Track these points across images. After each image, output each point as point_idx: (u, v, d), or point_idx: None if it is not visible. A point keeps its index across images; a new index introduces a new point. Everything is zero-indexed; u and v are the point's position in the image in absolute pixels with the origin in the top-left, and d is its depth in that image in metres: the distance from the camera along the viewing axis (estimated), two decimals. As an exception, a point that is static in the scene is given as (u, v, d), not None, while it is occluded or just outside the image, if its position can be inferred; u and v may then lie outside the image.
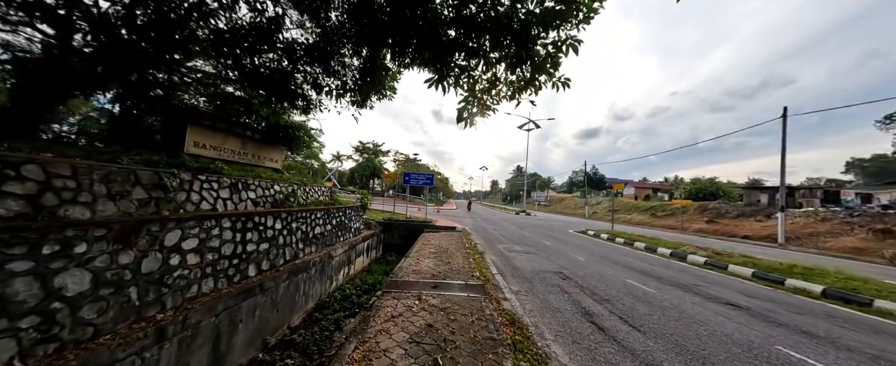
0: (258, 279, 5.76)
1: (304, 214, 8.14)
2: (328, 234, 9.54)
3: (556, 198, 63.18)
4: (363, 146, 64.28)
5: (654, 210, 34.45)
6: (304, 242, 8.00)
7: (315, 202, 10.80)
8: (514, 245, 11.81)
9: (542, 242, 13.18)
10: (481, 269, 7.17)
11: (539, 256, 9.60)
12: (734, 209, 26.96)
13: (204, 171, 6.47)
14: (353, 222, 12.15)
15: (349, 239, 11.11)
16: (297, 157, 45.42)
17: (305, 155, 44.97)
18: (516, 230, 17.53)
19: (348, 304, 8.07)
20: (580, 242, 13.84)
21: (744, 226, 23.15)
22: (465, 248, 10.01)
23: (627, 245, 13.14)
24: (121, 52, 6.90)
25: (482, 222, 21.67)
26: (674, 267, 9.01)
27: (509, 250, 10.58)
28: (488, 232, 16.12)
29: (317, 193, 11.50)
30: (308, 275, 7.66)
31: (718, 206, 28.64)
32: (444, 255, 8.59)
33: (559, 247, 11.85)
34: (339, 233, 10.42)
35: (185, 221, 4.44)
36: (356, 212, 12.59)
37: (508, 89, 6.06)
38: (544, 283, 6.54)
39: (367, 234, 13.16)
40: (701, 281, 7.39)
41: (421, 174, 18.09)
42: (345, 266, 10.24)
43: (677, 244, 11.73)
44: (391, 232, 15.87)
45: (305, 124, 14.75)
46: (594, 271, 7.82)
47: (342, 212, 10.88)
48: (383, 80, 9.78)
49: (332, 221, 9.92)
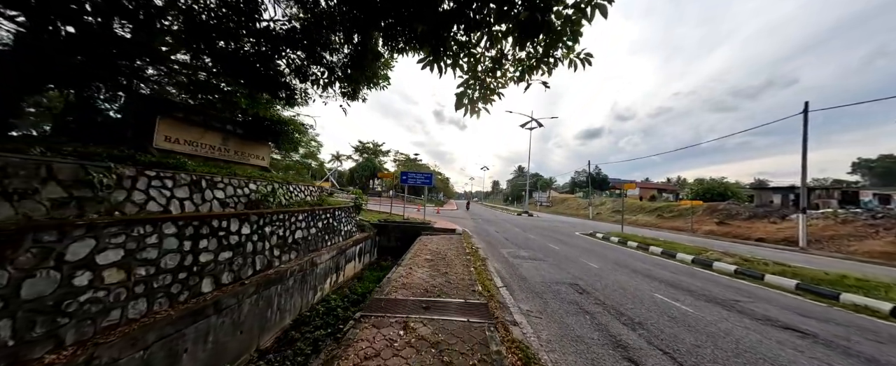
0: (214, 296, 4.73)
1: (282, 216, 7.12)
2: (312, 238, 8.51)
3: (558, 198, 62.04)
4: (363, 146, 63.33)
5: (660, 211, 33.34)
6: (282, 248, 6.97)
7: (299, 203, 9.77)
8: (519, 250, 10.75)
9: (549, 246, 12.11)
10: (484, 281, 6.13)
11: (548, 264, 8.54)
12: (745, 210, 25.82)
13: (157, 166, 5.45)
14: (344, 225, 11.12)
15: (338, 243, 10.07)
16: (295, 156, 44.51)
17: (303, 154, 44.04)
18: (520, 233, 16.47)
19: (332, 319, 7.03)
20: (589, 245, 12.76)
21: (757, 228, 22.03)
22: (466, 253, 8.97)
23: (641, 249, 12.06)
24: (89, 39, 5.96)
25: (483, 224, 20.62)
26: (700, 276, 7.95)
27: (514, 256, 9.53)
28: (490, 235, 15.07)
29: (302, 193, 10.48)
30: (284, 287, 6.63)
31: (729, 207, 27.51)
32: (441, 262, 7.56)
33: (568, 252, 10.78)
34: (326, 237, 9.38)
35: (101, 227, 3.41)
36: (347, 213, 11.57)
37: (516, 69, 5.02)
38: (559, 299, 5.49)
39: (360, 237, 12.13)
40: (740, 295, 6.32)
41: (419, 173, 17.08)
42: (332, 274, 9.21)
43: (699, 249, 10.65)
44: (387, 235, 14.85)
45: (294, 119, 13.76)
46: (613, 282, 6.76)
47: (330, 214, 9.86)
48: (374, 68, 8.75)
49: (317, 223, 8.89)
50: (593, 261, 9.29)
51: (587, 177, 48.07)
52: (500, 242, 12.71)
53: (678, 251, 10.71)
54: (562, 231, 18.70)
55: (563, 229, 20.07)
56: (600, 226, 26.55)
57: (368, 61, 8.48)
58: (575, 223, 27.59)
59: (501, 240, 13.22)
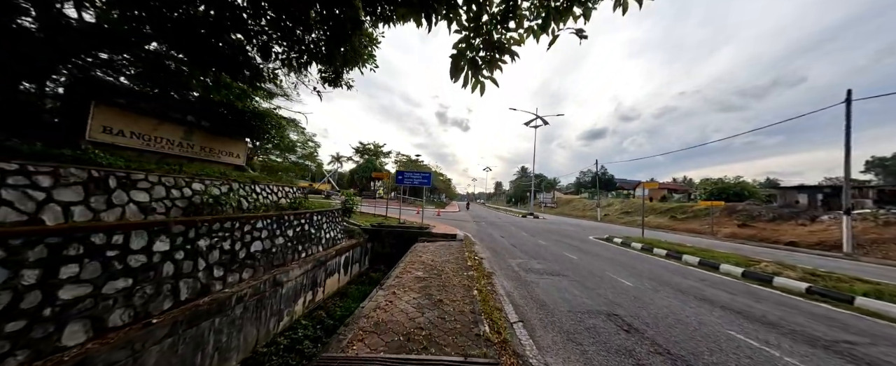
0: (83, 352, 3.09)
1: (232, 225, 5.47)
2: (279, 250, 6.86)
3: (563, 199, 60.12)
4: (363, 147, 61.90)
5: (672, 212, 31.42)
6: (229, 266, 5.32)
7: (268, 207, 8.15)
8: (530, 260, 9.04)
9: (564, 254, 10.39)
10: (491, 311, 4.45)
11: (569, 280, 6.83)
12: (768, 211, 23.90)
13: (36, 158, 3.84)
14: (326, 231, 9.47)
15: (316, 255, 8.42)
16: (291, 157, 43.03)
17: (300, 155, 42.57)
18: (528, 238, 14.74)
19: (294, 359, 5.37)
20: (611, 254, 11.01)
21: (785, 231, 20.12)
22: (467, 267, 7.29)
23: (672, 259, 10.30)
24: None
25: (487, 227, 18.90)
26: (766, 298, 6.20)
27: (526, 269, 7.82)
28: (495, 240, 13.35)
29: (274, 195, 8.85)
30: (228, 318, 4.97)
31: (749, 207, 25.58)
32: (435, 282, 5.87)
33: (589, 263, 9.05)
34: (299, 247, 7.73)
35: None
36: (330, 218, 9.92)
37: (536, 13, 3.35)
38: (600, 342, 3.79)
39: (346, 245, 10.48)
40: (843, 331, 4.59)
41: (417, 173, 15.44)
42: (306, 292, 7.55)
43: (746, 260, 8.88)
44: (380, 241, 13.21)
45: (271, 112, 12.17)
46: (664, 311, 5.04)
47: (306, 219, 8.21)
48: (355, 44, 7.12)
49: (286, 232, 7.24)
50: (623, 276, 7.56)
51: (594, 177, 46.22)
52: (506, 249, 11.00)
53: (719, 261, 8.95)
54: (573, 235, 16.94)
55: (574, 233, 18.31)
56: (613, 229, 24.74)
57: (347, 33, 6.86)
58: (585, 226, 25.79)
59: (508, 247, 11.50)
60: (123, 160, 5.55)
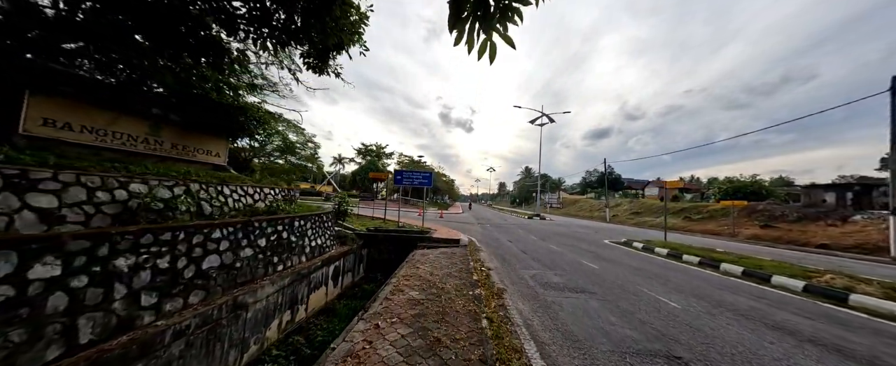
0: None
1: (170, 236, 4.26)
2: (246, 264, 5.63)
3: (568, 200, 58.56)
4: (366, 148, 60.90)
5: (686, 213, 29.85)
6: (166, 289, 4.09)
7: (240, 211, 6.94)
8: (546, 271, 7.74)
9: (583, 262, 9.07)
10: (508, 355, 3.18)
11: (599, 300, 5.53)
12: (792, 211, 22.31)
13: None
14: (312, 238, 8.24)
15: (297, 266, 7.18)
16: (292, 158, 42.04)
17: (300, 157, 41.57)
18: (537, 242, 13.42)
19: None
20: (634, 261, 9.66)
21: (814, 232, 18.56)
22: (473, 282, 6.01)
23: (708, 267, 8.94)
24: None
25: (492, 231, 17.60)
26: (858, 325, 4.86)
27: (544, 284, 6.52)
28: (503, 246, 12.05)
29: (249, 197, 7.64)
30: (160, 360, 3.76)
31: (770, 207, 24.00)
32: (433, 307, 4.61)
33: (615, 274, 7.73)
34: (274, 259, 6.50)
35: None
36: (318, 223, 8.70)
37: None
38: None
39: (337, 253, 9.25)
40: None
41: (416, 172, 14.21)
42: (281, 312, 6.31)
43: (805, 272, 7.49)
44: (377, 246, 11.97)
45: (254, 106, 10.97)
46: (740, 350, 3.77)
47: (284, 225, 6.99)
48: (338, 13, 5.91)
49: (256, 241, 6.02)
50: (661, 292, 6.23)
51: (603, 176, 44.73)
52: (516, 257, 9.69)
53: (768, 271, 7.58)
54: (586, 238, 15.58)
55: (587, 236, 16.94)
56: (625, 231, 23.27)
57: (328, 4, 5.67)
58: (595, 228, 24.36)
59: (518, 254, 10.20)
60: (54, 155, 4.37)
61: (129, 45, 6.22)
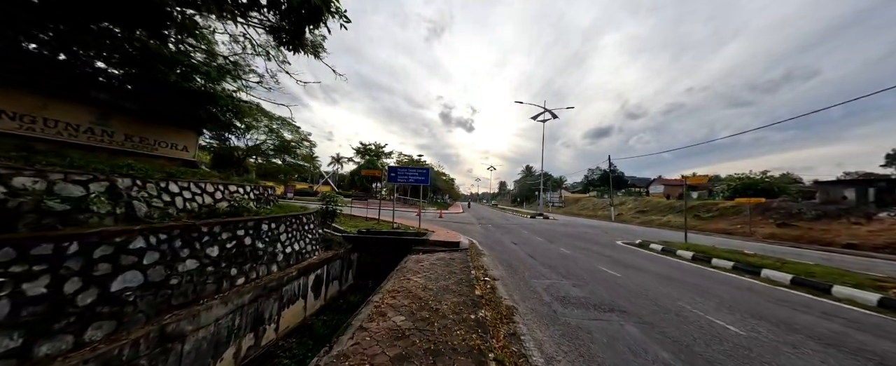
0: None
1: (43, 249, 3.01)
2: (185, 281, 4.37)
3: (570, 198, 57.28)
4: (364, 148, 59.67)
5: (695, 211, 28.56)
6: (39, 326, 2.85)
7: (191, 213, 5.70)
8: (561, 281, 6.50)
9: (601, 268, 7.83)
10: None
11: (637, 323, 4.31)
12: (809, 208, 21.04)
13: None
14: (287, 244, 7.01)
15: (263, 279, 5.95)
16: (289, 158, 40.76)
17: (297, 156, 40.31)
18: (544, 244, 12.19)
19: None
20: (659, 267, 8.42)
21: (837, 230, 17.29)
22: (475, 299, 4.77)
23: (746, 274, 7.70)
24: None
25: (495, 231, 16.36)
26: None
27: (562, 300, 5.29)
28: (507, 249, 10.82)
29: (208, 196, 6.41)
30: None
31: (785, 205, 22.73)
32: (421, 341, 3.37)
33: (642, 284, 6.50)
34: (231, 271, 5.25)
35: None
36: (295, 226, 7.46)
37: None
38: None
39: (319, 259, 8.02)
40: None
41: (412, 169, 12.98)
42: (240, 337, 5.06)
43: (874, 281, 6.24)
44: (368, 250, 10.75)
45: (226, 94, 9.71)
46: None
47: (247, 229, 5.75)
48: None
49: (204, 250, 4.76)
50: (709, 309, 4.99)
51: (607, 174, 43.50)
52: (524, 262, 8.45)
53: (824, 279, 6.35)
54: (596, 240, 14.33)
55: (596, 237, 15.69)
56: (634, 230, 21.99)
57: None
58: (602, 227, 23.11)
59: (525, 259, 8.96)
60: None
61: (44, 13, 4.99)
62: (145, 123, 7.86)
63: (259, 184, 8.67)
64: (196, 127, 9.01)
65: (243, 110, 10.23)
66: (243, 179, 8.35)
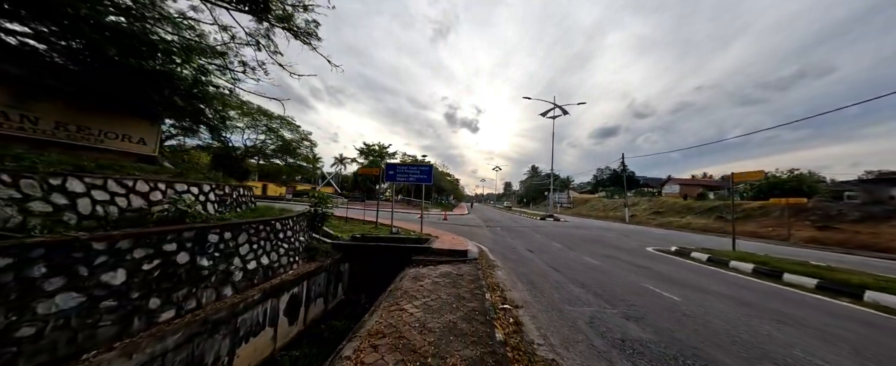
0: None
1: None
2: (56, 329, 2.76)
3: (578, 199, 55.23)
4: (368, 148, 58.39)
5: (718, 212, 26.53)
6: None
7: (102, 220, 4.14)
8: (605, 307, 4.84)
9: (647, 287, 6.14)
10: None
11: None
12: (851, 210, 18.98)
13: None
14: (248, 258, 5.38)
15: (207, 309, 4.32)
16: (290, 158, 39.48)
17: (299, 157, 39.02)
18: (564, 251, 10.50)
19: None
20: (725, 287, 6.68)
21: (890, 234, 15.27)
22: (497, 348, 3.12)
23: (844, 296, 5.92)
24: None
25: (505, 235, 14.68)
26: None
27: (622, 346, 3.66)
28: (521, 256, 9.16)
29: (139, 198, 4.83)
30: None
31: (821, 206, 20.66)
32: None
33: (720, 315, 4.83)
34: (150, 302, 3.57)
35: None
36: (260, 234, 5.85)
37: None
38: None
39: (294, 275, 6.40)
40: None
41: (413, 167, 11.39)
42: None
43: None
44: (360, 259, 9.18)
45: (187, 76, 8.14)
46: None
47: (182, 242, 4.10)
48: None
49: (97, 277, 3.13)
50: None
51: (617, 174, 41.53)
52: (547, 277, 6.79)
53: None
54: (619, 245, 12.59)
55: (617, 241, 13.92)
56: (655, 233, 20.06)
57: None
58: (619, 230, 21.25)
59: (547, 272, 7.29)
60: None
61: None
62: (85, 110, 6.37)
63: (225, 183, 7.11)
64: (153, 116, 7.50)
65: (213, 98, 8.71)
66: (202, 178, 6.79)
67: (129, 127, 7.14)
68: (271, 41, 10.70)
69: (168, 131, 31.24)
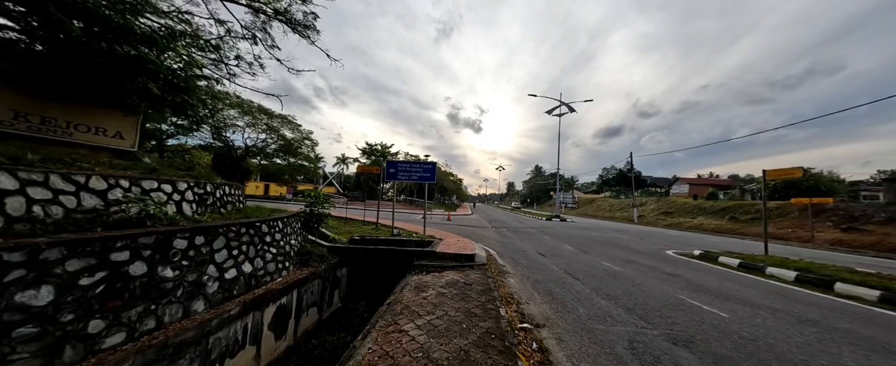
0: None
1: None
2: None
3: (583, 199, 54.22)
4: (370, 148, 57.84)
5: (730, 212, 25.53)
6: None
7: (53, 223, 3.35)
8: (644, 327, 4.06)
9: (685, 300, 5.35)
10: None
11: None
12: (875, 210, 17.96)
13: None
14: (226, 267, 4.58)
15: (170, 329, 3.56)
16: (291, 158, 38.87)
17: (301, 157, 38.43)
18: (578, 254, 9.71)
19: None
20: (771, 299, 5.86)
21: (924, 236, 14.26)
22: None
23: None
24: None
25: (512, 237, 13.89)
26: None
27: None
28: (534, 261, 8.38)
29: (90, 196, 4.07)
30: None
31: (845, 206, 19.64)
32: None
33: (784, 337, 4.06)
34: (88, 327, 2.85)
35: None
36: (243, 238, 5.10)
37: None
38: None
39: (282, 283, 5.62)
40: None
41: (415, 164, 10.64)
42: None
43: None
44: (358, 264, 8.45)
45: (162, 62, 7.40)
46: None
47: (141, 250, 3.37)
48: None
49: (11, 297, 2.40)
50: None
51: (624, 173, 40.54)
52: (567, 287, 6.00)
53: None
54: (635, 247, 11.76)
55: (632, 244, 13.08)
56: (669, 235, 19.14)
57: None
58: (630, 231, 20.36)
59: (565, 280, 6.50)
60: None
61: None
62: (50, 98, 5.69)
63: (207, 180, 6.39)
64: (130, 107, 6.80)
65: (198, 89, 8.00)
66: (180, 175, 6.08)
67: (103, 119, 6.46)
68: (268, 34, 10.04)
69: (169, 130, 30.58)
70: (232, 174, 32.74)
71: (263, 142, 32.41)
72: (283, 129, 33.57)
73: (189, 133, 19.13)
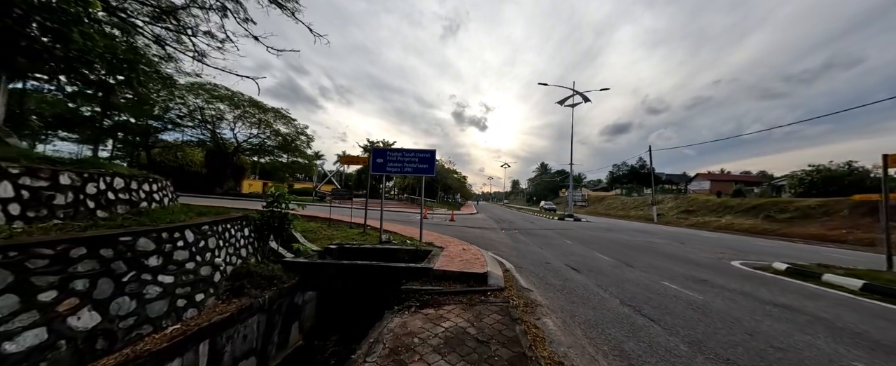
0: None
1: None
2: None
3: (593, 197, 51.50)
4: (372, 145, 55.73)
5: (765, 211, 22.80)
6: None
7: None
8: None
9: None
10: None
11: None
12: (950, 208, 15.18)
13: None
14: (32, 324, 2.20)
15: None
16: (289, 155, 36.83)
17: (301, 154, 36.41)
18: (623, 270, 7.33)
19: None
20: None
21: None
22: None
23: None
24: None
25: (526, 241, 11.50)
26: None
27: None
28: (567, 281, 6.01)
29: None
30: None
31: (907, 202, 16.85)
32: None
33: None
34: None
35: None
36: (92, 262, 2.75)
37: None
38: None
39: (181, 330, 3.30)
40: None
41: (408, 151, 8.30)
42: None
43: None
44: (330, 281, 6.10)
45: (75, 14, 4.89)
46: None
47: None
48: None
49: None
50: None
51: (639, 170, 37.81)
52: (644, 336, 3.65)
53: None
54: (680, 256, 9.31)
55: (675, 251, 10.61)
56: (704, 237, 16.51)
57: None
58: (656, 232, 17.80)
59: (635, 322, 4.13)
60: None
61: None
62: None
63: (99, 171, 4.07)
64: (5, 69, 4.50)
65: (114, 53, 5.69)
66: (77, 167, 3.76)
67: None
68: (241, 5, 8.12)
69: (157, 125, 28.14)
70: (223, 172, 30.63)
71: (256, 137, 30.29)
72: (276, 123, 31.42)
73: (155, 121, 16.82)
